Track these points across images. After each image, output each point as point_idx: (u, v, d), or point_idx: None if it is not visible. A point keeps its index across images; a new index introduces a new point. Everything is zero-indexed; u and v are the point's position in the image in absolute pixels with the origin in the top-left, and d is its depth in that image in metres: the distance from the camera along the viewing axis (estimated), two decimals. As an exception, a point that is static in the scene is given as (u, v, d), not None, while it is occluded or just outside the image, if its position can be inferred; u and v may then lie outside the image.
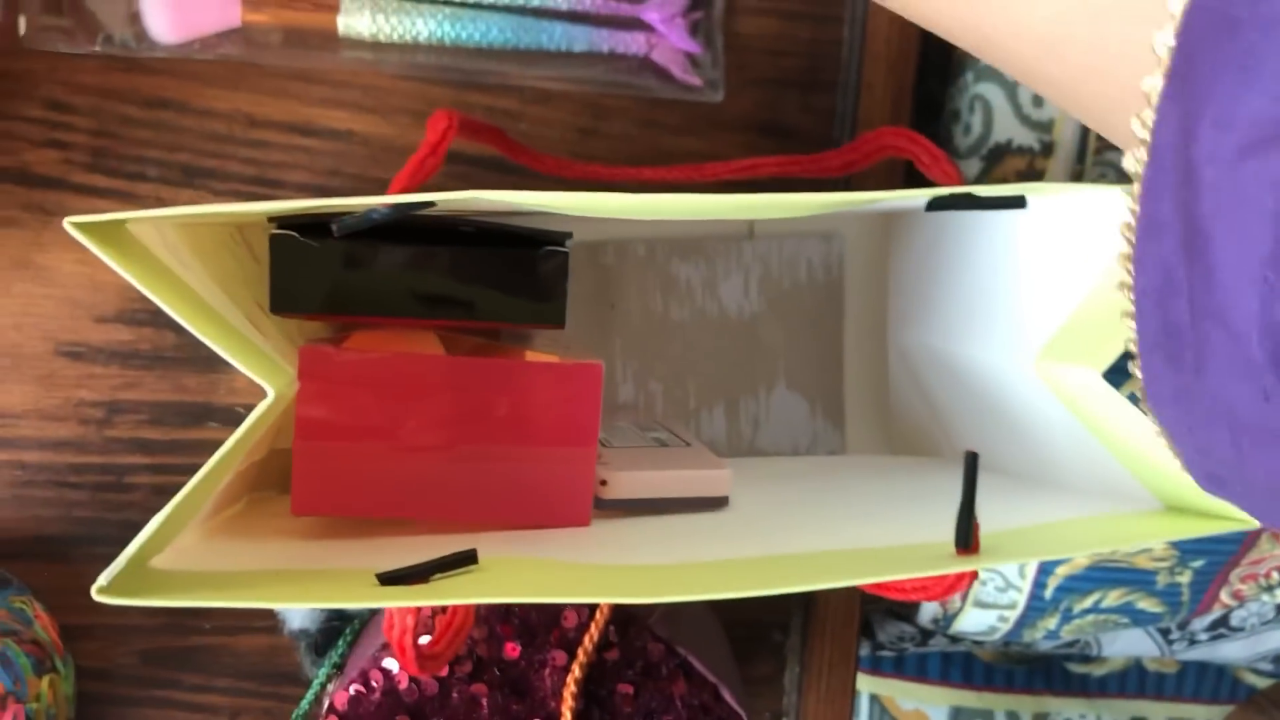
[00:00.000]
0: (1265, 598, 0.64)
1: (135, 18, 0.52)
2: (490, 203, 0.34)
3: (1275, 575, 0.63)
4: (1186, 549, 0.61)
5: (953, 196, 0.33)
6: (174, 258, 0.37)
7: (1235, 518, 0.36)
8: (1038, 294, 0.42)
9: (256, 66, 0.54)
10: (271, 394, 0.36)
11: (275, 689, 0.56)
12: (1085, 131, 0.58)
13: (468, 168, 0.55)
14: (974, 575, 0.37)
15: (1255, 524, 0.35)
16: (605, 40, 0.56)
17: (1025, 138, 0.61)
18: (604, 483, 0.43)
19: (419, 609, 0.37)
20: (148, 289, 0.33)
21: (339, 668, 0.53)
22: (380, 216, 0.33)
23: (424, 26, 0.53)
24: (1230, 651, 0.83)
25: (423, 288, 0.40)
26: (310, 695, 0.53)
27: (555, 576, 0.34)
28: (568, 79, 0.56)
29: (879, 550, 0.36)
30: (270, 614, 0.55)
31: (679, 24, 0.56)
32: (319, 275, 0.40)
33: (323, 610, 0.54)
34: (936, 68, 0.66)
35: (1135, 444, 0.37)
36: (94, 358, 0.54)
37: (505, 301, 0.41)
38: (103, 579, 0.31)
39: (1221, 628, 0.79)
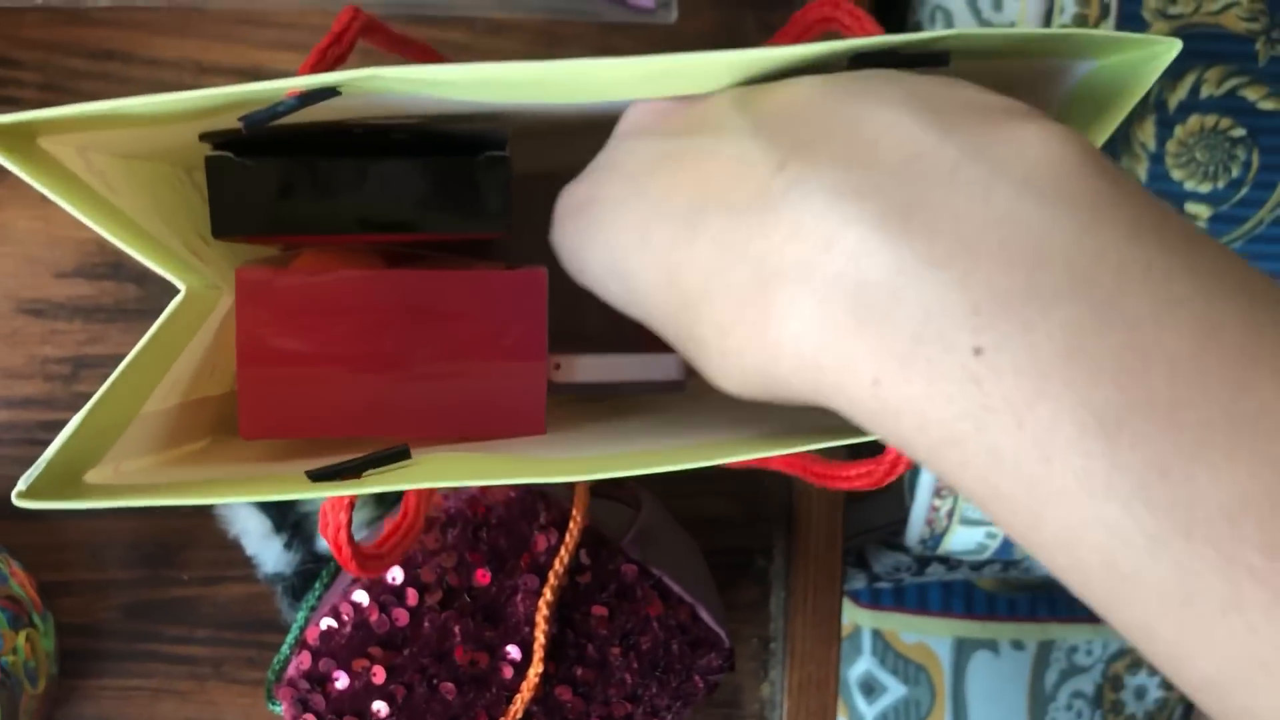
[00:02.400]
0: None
1: (76, -33, 0.51)
2: (398, 85, 0.33)
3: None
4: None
5: (875, 52, 0.32)
6: (100, 181, 0.36)
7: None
8: None
9: (202, 12, 0.54)
10: (184, 288, 0.35)
11: (256, 636, 0.56)
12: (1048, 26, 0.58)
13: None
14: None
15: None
16: (553, -33, 0.55)
17: (988, 45, 0.60)
18: (558, 366, 0.43)
19: (351, 505, 0.37)
20: (55, 193, 0.32)
21: (316, 610, 0.52)
22: (286, 109, 0.32)
23: (367, -39, 0.53)
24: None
25: (363, 202, 0.40)
26: (290, 639, 0.53)
27: (484, 464, 0.34)
28: (518, 6, 0.55)
29: (823, 429, 0.36)
30: (247, 563, 0.55)
31: None
32: (258, 196, 0.39)
33: (296, 553, 0.53)
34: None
35: None
36: (56, 314, 0.54)
37: (448, 211, 0.40)
38: (21, 483, 0.30)
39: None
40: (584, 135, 0.49)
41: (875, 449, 0.36)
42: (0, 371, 0.54)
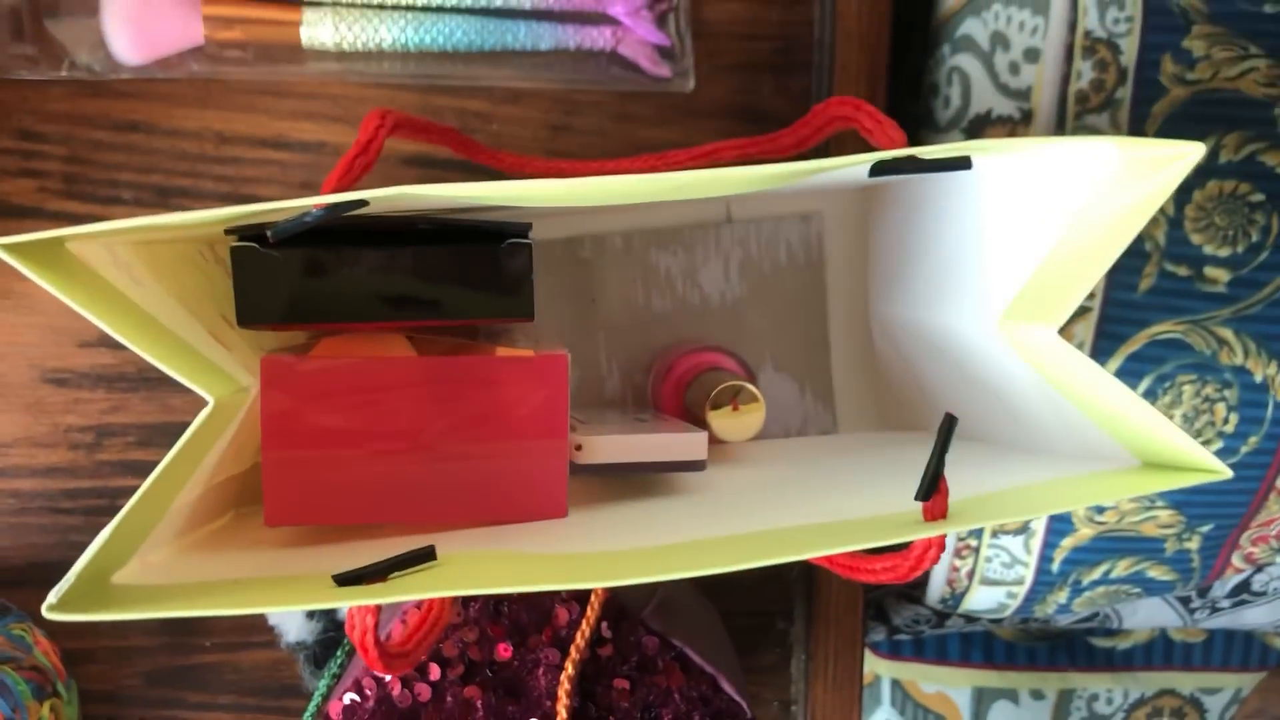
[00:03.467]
0: (1280, 560, 0.63)
1: (100, 43, 0.52)
2: (424, 198, 0.33)
3: (1287, 536, 0.61)
4: (1193, 514, 0.60)
5: (895, 160, 0.32)
6: (125, 275, 0.37)
7: (1211, 468, 0.35)
8: (1000, 256, 0.41)
9: (223, 83, 0.54)
10: (211, 401, 0.36)
11: (279, 702, 0.56)
12: (1064, 97, 0.58)
13: (434, 170, 0.55)
14: (941, 547, 0.36)
15: (1229, 473, 0.34)
16: (571, 37, 0.55)
17: (1004, 107, 0.60)
18: (579, 447, 0.43)
19: (378, 609, 0.37)
20: (78, 304, 0.33)
21: (338, 678, 0.53)
22: (314, 219, 0.33)
23: (387, 33, 0.53)
24: (1255, 617, 0.82)
25: (388, 290, 0.40)
26: (312, 707, 0.53)
27: (513, 567, 0.34)
28: (536, 78, 0.56)
29: (849, 522, 0.36)
30: (270, 629, 0.55)
31: (645, 16, 0.55)
32: (283, 285, 0.40)
33: (319, 621, 0.54)
34: (919, 43, 0.65)
35: (1105, 401, 0.37)
36: (80, 383, 0.54)
37: (471, 297, 0.41)
38: (52, 596, 0.30)
39: (1244, 593, 0.78)
40: (583, 211, 0.49)
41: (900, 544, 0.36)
42: (24, 440, 0.54)
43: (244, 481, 0.46)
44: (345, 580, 0.33)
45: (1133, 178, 0.34)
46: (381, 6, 0.53)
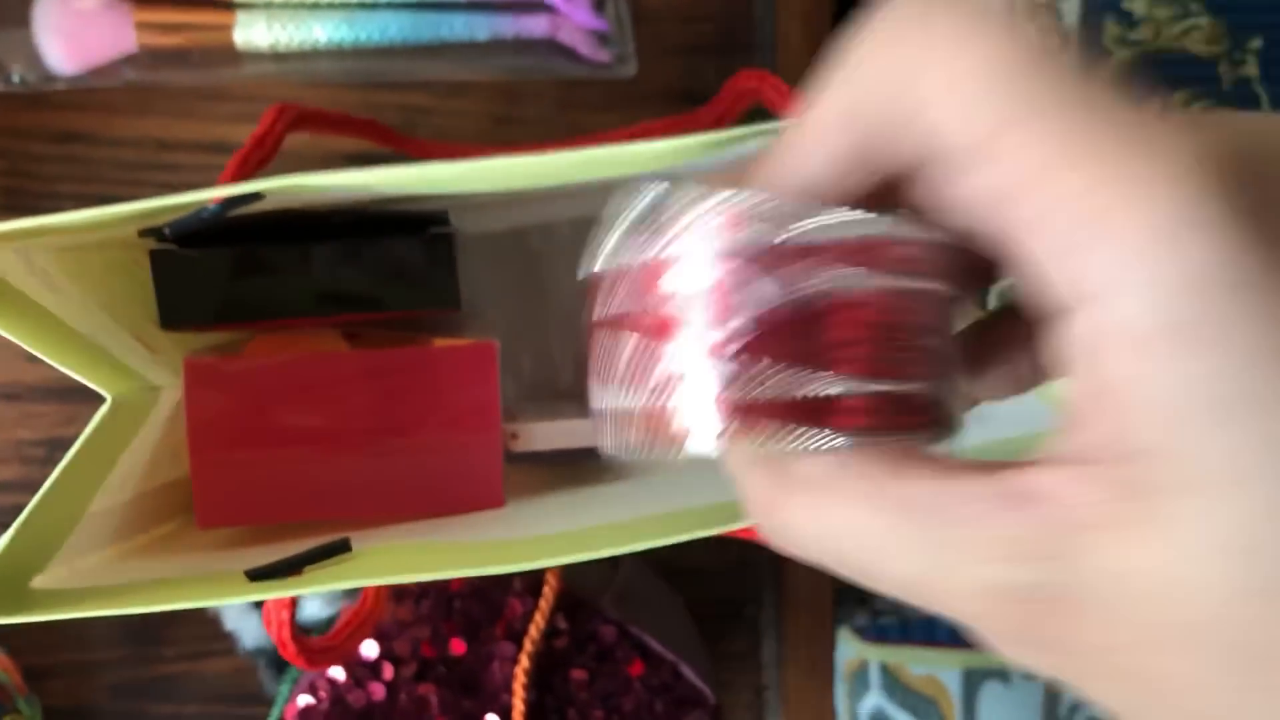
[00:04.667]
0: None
1: (33, 54, 0.52)
2: (324, 188, 0.33)
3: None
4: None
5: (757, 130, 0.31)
6: (40, 282, 0.36)
7: None
8: None
9: (162, 90, 0.54)
10: (109, 398, 0.35)
11: (245, 710, 0.56)
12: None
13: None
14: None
15: None
16: (509, 26, 0.55)
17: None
18: (515, 436, 0.43)
19: (293, 602, 0.36)
20: None
21: (298, 682, 0.52)
22: (209, 214, 0.32)
23: (321, 32, 0.53)
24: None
25: (312, 286, 0.40)
26: (275, 713, 0.52)
27: (431, 555, 0.34)
28: (476, 68, 0.55)
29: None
30: (229, 637, 0.55)
31: (580, 2, 0.55)
32: (204, 286, 0.39)
33: (277, 626, 0.53)
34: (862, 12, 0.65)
35: None
36: (30, 396, 0.54)
37: (397, 288, 0.40)
38: None
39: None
40: (529, 201, 0.48)
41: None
42: (-23, 457, 0.54)
43: (188, 488, 0.46)
44: (257, 575, 0.32)
45: None
46: (315, 5, 0.53)
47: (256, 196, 0.32)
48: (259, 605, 0.53)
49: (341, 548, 0.33)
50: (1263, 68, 0.53)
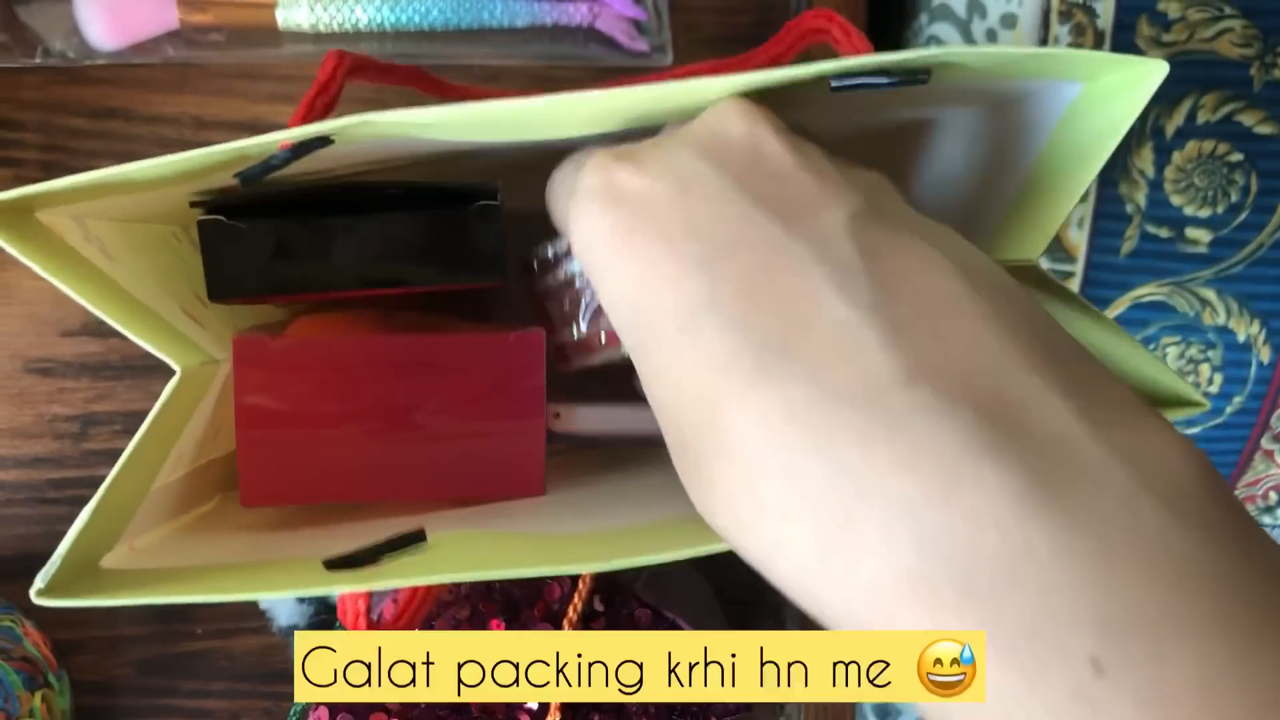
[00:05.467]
0: (1267, 519, 0.63)
1: (73, 29, 0.52)
2: (390, 127, 0.33)
3: (1273, 495, 0.62)
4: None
5: (849, 70, 0.31)
6: (97, 250, 0.36)
7: (1188, 398, 0.35)
8: (973, 194, 0.41)
9: (200, 68, 0.54)
10: (179, 370, 0.35)
11: (272, 688, 0.56)
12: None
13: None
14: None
15: (1205, 404, 0.35)
16: (548, 13, 0.55)
17: (983, 75, 0.60)
18: (558, 415, 0.43)
19: (369, 593, 0.37)
20: (51, 273, 0.33)
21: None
22: (280, 160, 0.32)
23: (363, 13, 0.53)
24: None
25: (358, 258, 0.40)
26: (306, 691, 0.52)
27: (507, 550, 0.34)
28: (514, 55, 0.56)
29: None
30: (261, 614, 0.55)
31: None
32: (252, 257, 0.39)
33: (309, 605, 0.53)
34: (895, 11, 0.65)
35: (1084, 330, 0.37)
36: (64, 372, 0.54)
37: (443, 262, 0.40)
38: (39, 580, 0.30)
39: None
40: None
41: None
42: (9, 431, 0.54)
43: (227, 465, 0.46)
44: (335, 565, 0.32)
45: (1102, 99, 0.34)
46: (357, -14, 0.53)
47: (326, 140, 0.32)
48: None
49: (416, 538, 0.34)
50: (1292, 71, 0.54)
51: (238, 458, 0.40)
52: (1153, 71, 0.32)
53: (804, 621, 0.59)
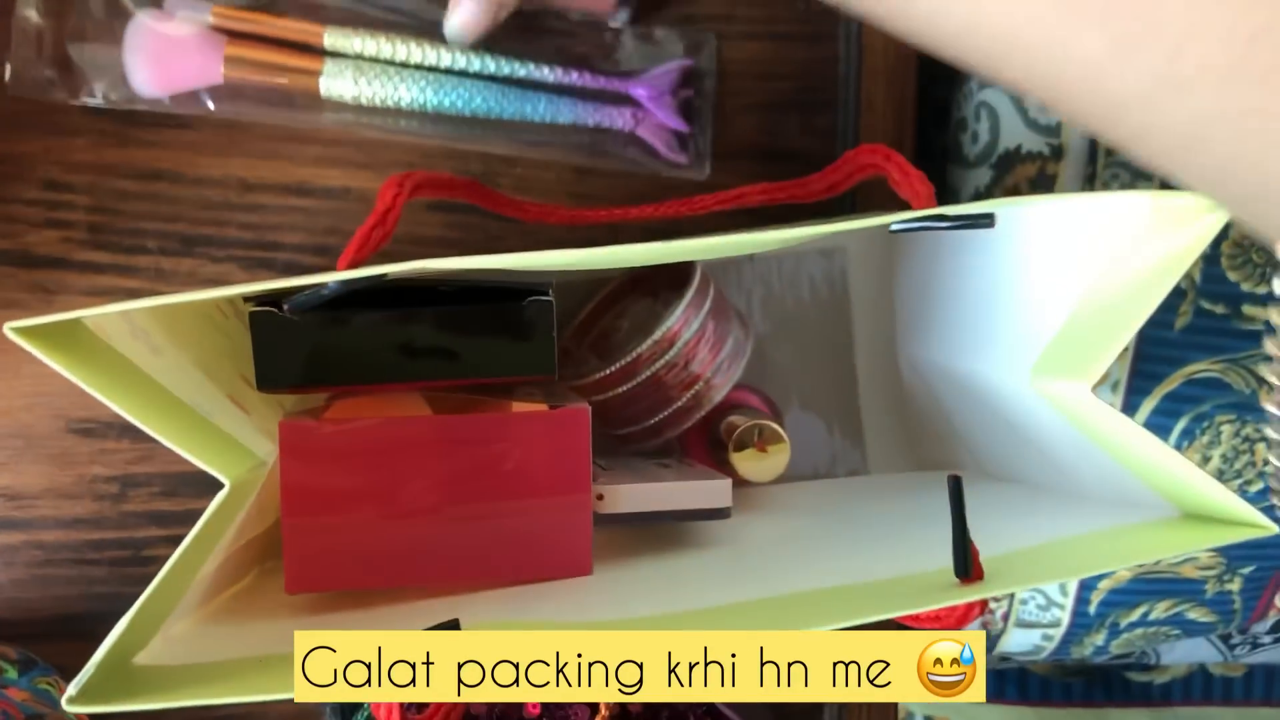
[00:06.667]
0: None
1: (120, 74, 0.52)
2: (443, 269, 0.33)
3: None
4: (1234, 555, 0.59)
5: (915, 219, 0.31)
6: (143, 345, 0.36)
7: (1256, 523, 0.34)
8: (1028, 307, 0.41)
9: (246, 130, 0.54)
10: (228, 485, 0.35)
11: (306, 753, 0.56)
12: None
13: (458, 215, 0.55)
14: (984, 605, 0.35)
15: (1274, 528, 0.33)
16: (591, 114, 0.55)
17: (1034, 143, 0.59)
18: (600, 497, 0.42)
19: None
20: (88, 384, 0.33)
21: (365, 729, 0.52)
22: (330, 292, 0.32)
23: (406, 92, 0.53)
24: (1297, 652, 0.80)
25: (410, 351, 0.40)
26: (340, 759, 0.52)
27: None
28: (549, 146, 0.55)
29: (881, 583, 0.35)
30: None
31: (667, 102, 0.55)
32: (302, 348, 0.39)
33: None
34: (945, 73, 0.65)
35: (1143, 454, 0.36)
36: (105, 433, 0.54)
37: (494, 355, 0.40)
38: (71, 688, 0.30)
39: (1285, 629, 0.77)
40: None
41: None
42: (51, 492, 0.54)
43: (266, 539, 0.46)
44: None
45: (1164, 229, 0.34)
46: (404, 65, 0.53)
47: (379, 278, 0.32)
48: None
49: (450, 627, 0.33)
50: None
51: (284, 546, 0.39)
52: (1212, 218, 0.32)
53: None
